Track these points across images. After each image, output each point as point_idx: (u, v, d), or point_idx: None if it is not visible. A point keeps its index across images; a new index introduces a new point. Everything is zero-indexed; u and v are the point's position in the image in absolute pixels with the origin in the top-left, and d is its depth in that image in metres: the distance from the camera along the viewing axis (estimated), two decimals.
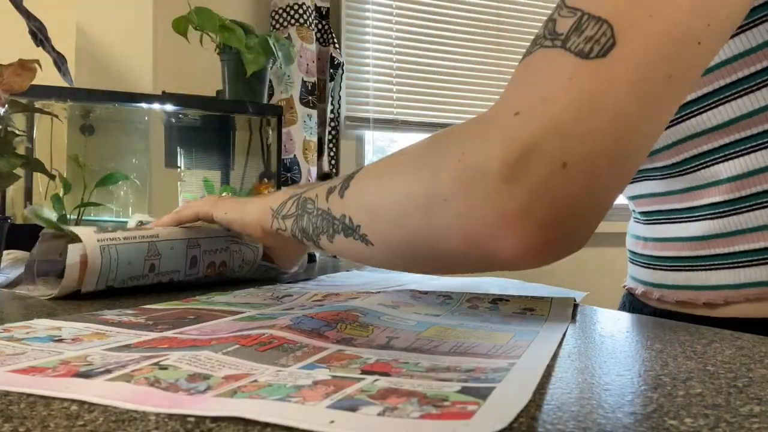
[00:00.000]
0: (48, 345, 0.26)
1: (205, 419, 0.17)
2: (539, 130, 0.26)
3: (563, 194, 0.26)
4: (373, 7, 1.78)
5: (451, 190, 0.28)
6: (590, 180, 0.26)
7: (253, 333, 0.28)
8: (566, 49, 0.27)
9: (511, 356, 0.25)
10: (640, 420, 0.17)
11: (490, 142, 0.27)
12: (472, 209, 0.27)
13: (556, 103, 0.26)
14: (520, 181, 0.26)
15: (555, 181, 0.26)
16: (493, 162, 0.27)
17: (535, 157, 0.26)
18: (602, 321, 0.37)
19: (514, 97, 0.29)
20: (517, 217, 0.26)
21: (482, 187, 0.27)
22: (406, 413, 0.17)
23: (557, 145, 0.26)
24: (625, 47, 0.26)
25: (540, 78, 0.28)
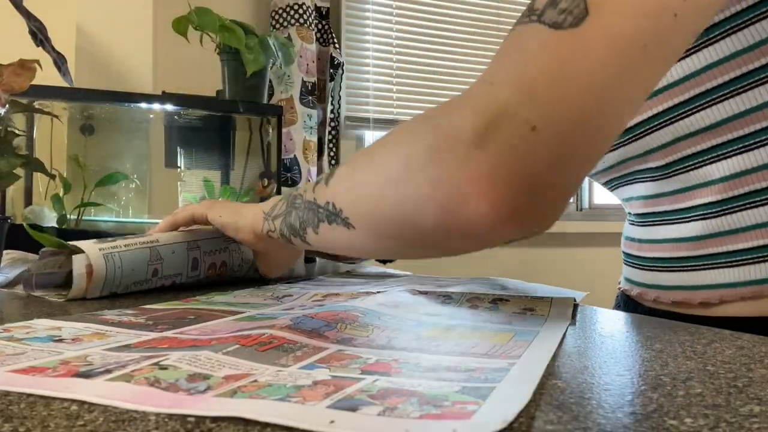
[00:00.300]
0: (48, 345, 0.26)
1: (205, 419, 0.17)
2: (510, 95, 0.26)
3: (532, 158, 0.26)
4: (373, 7, 1.78)
5: (425, 159, 0.28)
6: (560, 146, 0.26)
7: (253, 333, 0.28)
8: (541, 22, 0.27)
9: (511, 356, 0.25)
10: (640, 420, 0.17)
11: (462, 110, 0.28)
12: (446, 175, 0.27)
13: (528, 70, 0.26)
14: (490, 146, 0.26)
15: (524, 144, 0.26)
16: (464, 129, 0.27)
17: (505, 122, 0.26)
18: (602, 321, 0.37)
19: (490, 70, 0.29)
20: (487, 182, 0.26)
21: (454, 153, 0.27)
22: (406, 413, 0.17)
23: (527, 110, 0.26)
24: (598, 18, 0.26)
25: (515, 51, 0.28)
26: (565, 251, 1.93)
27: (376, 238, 0.35)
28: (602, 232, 1.91)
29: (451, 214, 0.28)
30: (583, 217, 2.00)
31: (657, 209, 0.50)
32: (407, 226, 0.31)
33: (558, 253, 1.92)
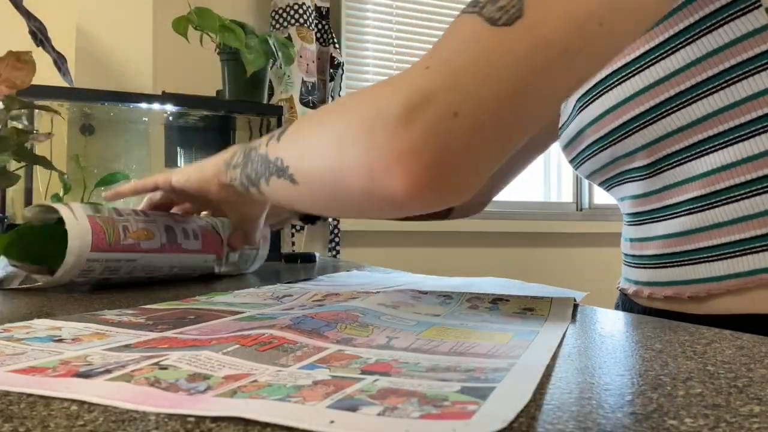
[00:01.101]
0: (48, 345, 0.26)
1: (205, 419, 0.17)
2: (439, 81, 0.29)
3: (451, 139, 0.29)
4: (373, 7, 1.78)
5: (359, 130, 0.31)
6: (476, 133, 0.29)
7: (253, 333, 0.28)
8: (480, 15, 0.30)
9: (511, 356, 0.25)
10: (640, 420, 0.17)
11: (396, 89, 0.30)
12: (374, 147, 0.30)
13: (459, 60, 0.29)
14: (415, 125, 0.29)
15: (444, 128, 0.29)
16: (395, 106, 0.29)
17: (431, 105, 0.29)
18: (602, 321, 0.37)
19: (430, 53, 0.32)
20: (408, 155, 0.29)
21: (383, 127, 0.30)
22: (406, 413, 0.17)
23: (451, 97, 0.29)
24: (529, 19, 0.29)
25: (452, 38, 0.31)
26: (565, 251, 1.93)
27: (313, 195, 0.37)
28: (602, 232, 1.91)
29: (376, 180, 0.30)
30: (583, 217, 2.00)
31: (647, 207, 0.51)
32: (340, 187, 0.34)
33: (558, 253, 1.92)
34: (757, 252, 0.42)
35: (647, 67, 0.45)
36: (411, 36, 1.82)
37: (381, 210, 0.34)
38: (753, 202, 0.42)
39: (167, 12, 1.13)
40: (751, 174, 0.42)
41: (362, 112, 0.32)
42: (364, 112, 0.32)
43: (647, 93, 0.45)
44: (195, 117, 1.05)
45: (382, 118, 0.30)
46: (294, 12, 1.54)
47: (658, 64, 0.44)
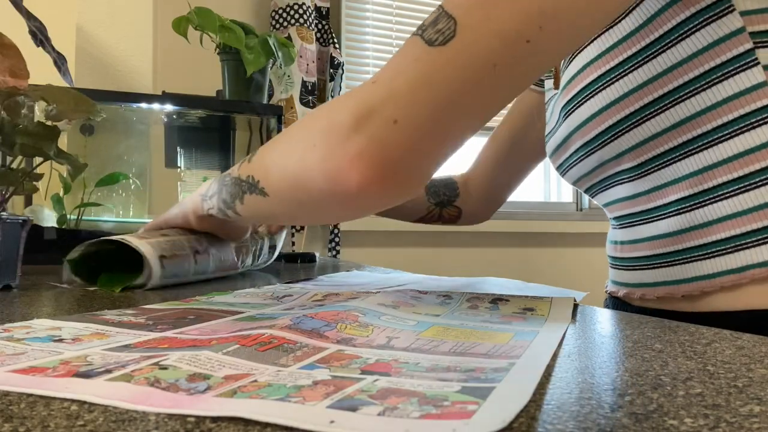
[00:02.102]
0: (48, 345, 0.26)
1: (205, 419, 0.17)
2: (382, 94, 0.34)
3: (391, 143, 0.33)
4: (373, 7, 1.78)
5: (317, 138, 0.36)
6: (415, 137, 0.34)
7: (253, 333, 0.28)
8: (422, 37, 0.35)
9: (511, 356, 0.25)
10: (640, 420, 0.17)
11: (348, 102, 0.35)
12: (330, 152, 0.35)
13: (400, 77, 0.34)
14: (363, 133, 0.34)
15: (387, 135, 0.33)
16: (346, 117, 0.34)
17: (375, 115, 0.33)
18: (602, 321, 0.37)
19: (379, 72, 0.36)
20: (358, 158, 0.34)
21: (337, 135, 0.34)
22: (406, 413, 0.17)
23: (391, 108, 0.33)
24: (461, 39, 0.33)
25: (398, 57, 0.35)
26: (564, 251, 1.93)
27: (282, 203, 0.42)
28: (602, 232, 1.91)
29: (333, 182, 0.35)
30: (582, 217, 2.00)
31: (635, 210, 0.52)
32: (303, 192, 0.38)
33: (558, 253, 1.92)
34: (748, 248, 0.43)
35: (631, 71, 0.47)
36: None
37: (342, 209, 0.38)
38: (741, 199, 0.43)
39: (167, 12, 1.13)
40: (738, 172, 0.43)
41: (319, 122, 0.36)
42: (321, 122, 0.36)
43: (632, 96, 0.46)
44: (195, 117, 1.05)
45: (336, 127, 0.34)
46: (294, 12, 1.54)
47: (642, 68, 0.46)
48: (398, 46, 1.81)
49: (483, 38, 0.33)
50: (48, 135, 0.56)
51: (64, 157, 0.59)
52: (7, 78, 0.56)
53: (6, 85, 0.55)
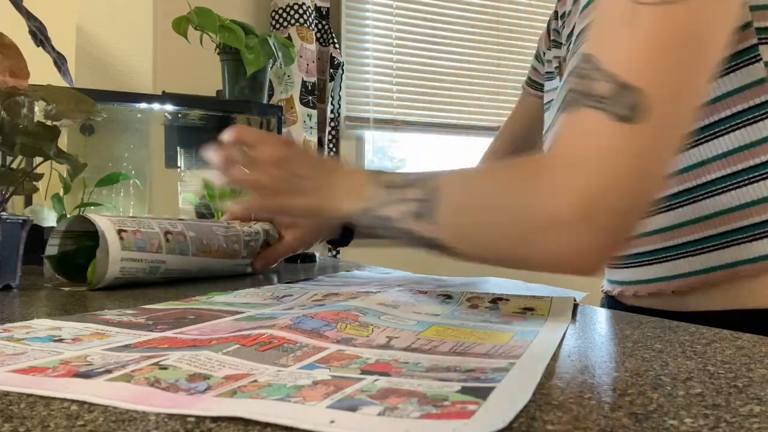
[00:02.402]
0: (48, 345, 0.26)
1: (205, 419, 0.17)
2: (601, 184, 0.34)
3: (620, 229, 0.35)
4: (373, 7, 1.78)
5: (539, 235, 0.36)
6: (636, 220, 0.35)
7: (253, 333, 0.28)
8: (609, 113, 0.33)
9: (512, 356, 0.25)
10: (640, 420, 0.17)
11: (555, 193, 0.35)
12: (558, 247, 0.36)
13: (612, 161, 0.34)
14: (592, 224, 0.34)
15: (614, 222, 0.34)
16: (561, 212, 0.34)
17: (601, 205, 0.34)
18: (602, 321, 0.37)
19: (564, 152, 0.36)
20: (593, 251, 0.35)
21: (565, 229, 0.35)
22: (406, 413, 0.17)
23: (616, 199, 0.34)
24: (657, 114, 0.33)
25: (586, 137, 0.35)
26: None
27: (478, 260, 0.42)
28: None
29: (562, 268, 0.37)
30: None
31: None
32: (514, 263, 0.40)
33: None
34: (739, 244, 0.43)
35: None
36: (411, 36, 1.82)
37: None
38: (734, 194, 0.43)
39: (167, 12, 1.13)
40: (732, 167, 0.43)
41: (525, 215, 0.37)
42: (524, 218, 0.37)
43: None
44: (195, 117, 1.05)
45: (558, 222, 0.35)
46: (294, 12, 1.54)
47: None
48: (398, 46, 1.81)
49: (679, 107, 0.34)
50: (48, 135, 0.56)
51: (64, 157, 0.59)
52: (7, 78, 0.56)
53: (6, 85, 0.55)
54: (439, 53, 1.85)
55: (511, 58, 1.93)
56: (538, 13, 1.98)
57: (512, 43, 1.94)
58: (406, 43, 1.81)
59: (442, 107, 1.86)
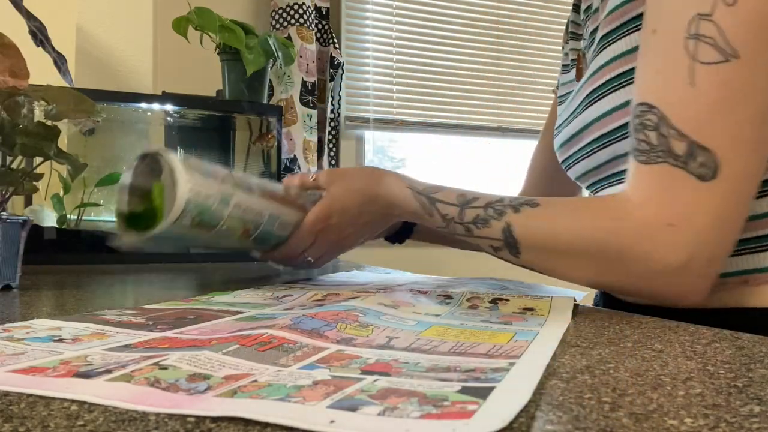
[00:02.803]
0: (48, 345, 0.26)
1: (205, 419, 0.17)
2: (693, 240, 0.39)
3: (711, 275, 0.41)
4: (373, 7, 1.78)
5: (642, 283, 0.43)
6: (719, 258, 0.41)
7: (253, 333, 0.28)
8: (688, 172, 0.38)
9: (512, 356, 0.25)
10: (640, 420, 0.17)
11: (655, 247, 0.40)
12: (658, 294, 0.43)
13: (697, 220, 0.39)
14: (691, 273, 0.40)
15: (707, 270, 0.41)
16: (664, 263, 0.40)
17: (695, 260, 0.40)
18: (602, 321, 0.37)
19: (655, 210, 0.40)
20: (687, 293, 0.42)
21: (660, 280, 0.41)
22: (406, 413, 0.17)
23: (705, 249, 0.40)
24: (731, 172, 0.38)
25: (676, 195, 0.39)
26: None
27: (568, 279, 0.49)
28: None
29: (665, 304, 0.44)
30: None
31: None
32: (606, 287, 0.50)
33: None
34: (750, 254, 0.44)
35: None
36: (411, 36, 1.82)
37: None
38: None
39: (167, 12, 1.13)
40: None
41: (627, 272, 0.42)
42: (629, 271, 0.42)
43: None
44: (195, 117, 1.05)
45: (654, 274, 0.41)
46: (294, 12, 1.54)
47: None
48: (398, 46, 1.81)
49: (750, 160, 0.39)
50: (48, 135, 0.56)
51: (64, 157, 0.59)
52: (7, 78, 0.56)
53: (6, 85, 0.55)
54: (439, 53, 1.85)
55: (511, 58, 1.93)
56: (538, 13, 1.98)
57: (512, 43, 1.94)
58: (406, 43, 1.81)
59: (442, 107, 1.86)
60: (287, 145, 1.51)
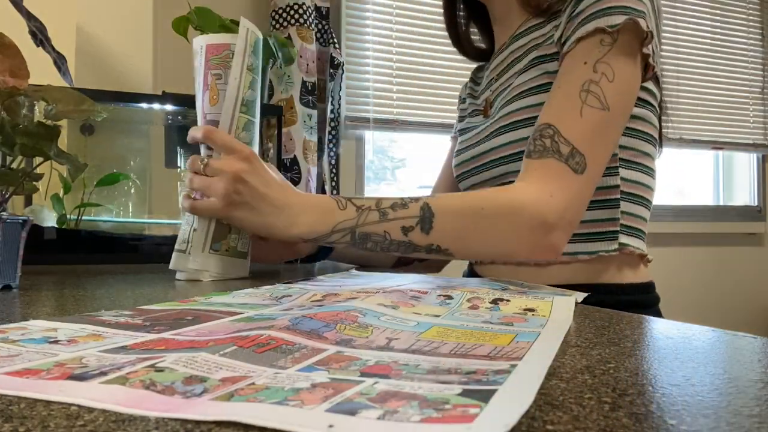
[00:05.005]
0: (43, 347, 0.26)
1: (205, 420, 0.17)
2: (561, 209, 0.59)
3: (570, 232, 0.62)
4: (373, 7, 1.77)
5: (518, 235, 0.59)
6: (576, 225, 0.63)
7: (252, 334, 0.27)
8: (568, 165, 0.60)
9: (513, 358, 0.25)
10: (641, 420, 0.17)
11: (539, 210, 0.59)
12: (536, 244, 0.60)
13: (567, 194, 0.60)
14: (558, 229, 0.60)
15: (568, 228, 0.61)
16: (542, 221, 0.59)
17: (561, 223, 0.60)
18: (602, 321, 0.37)
19: (544, 186, 0.60)
20: (551, 247, 0.61)
21: (542, 232, 0.59)
22: (407, 417, 0.16)
23: (569, 215, 0.60)
24: (591, 168, 0.61)
25: (556, 179, 0.60)
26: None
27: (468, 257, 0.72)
28: None
29: (534, 257, 0.62)
30: None
31: None
32: (498, 258, 0.68)
33: None
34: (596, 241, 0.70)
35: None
36: (411, 36, 1.82)
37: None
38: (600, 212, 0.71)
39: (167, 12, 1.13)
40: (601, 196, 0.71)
41: (516, 223, 0.59)
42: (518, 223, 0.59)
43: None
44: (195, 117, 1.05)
45: (535, 228, 0.59)
46: (294, 12, 1.54)
47: None
48: (398, 46, 1.81)
49: (602, 162, 0.63)
50: (48, 135, 0.56)
51: (64, 157, 0.59)
52: (7, 78, 0.56)
53: (6, 85, 0.55)
54: (439, 53, 1.85)
55: None
56: None
57: None
58: (406, 43, 1.81)
59: (442, 107, 1.86)
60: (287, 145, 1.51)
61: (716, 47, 2.21)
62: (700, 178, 2.36)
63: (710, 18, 2.21)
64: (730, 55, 2.23)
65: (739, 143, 2.23)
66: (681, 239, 2.14)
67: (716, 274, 2.19)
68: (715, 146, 2.20)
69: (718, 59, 2.20)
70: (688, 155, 2.28)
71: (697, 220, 2.18)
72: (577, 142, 0.59)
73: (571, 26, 0.65)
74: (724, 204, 2.33)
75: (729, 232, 2.22)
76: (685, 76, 2.15)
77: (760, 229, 2.28)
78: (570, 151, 0.59)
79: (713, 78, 2.19)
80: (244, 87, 0.65)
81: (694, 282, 2.14)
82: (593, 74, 0.61)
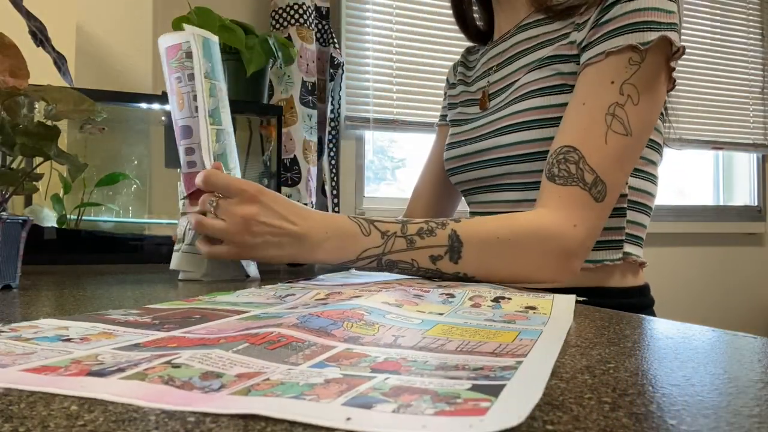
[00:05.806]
0: (57, 344, 0.26)
1: (204, 419, 0.17)
2: (583, 238, 0.61)
3: (584, 258, 0.63)
4: (373, 7, 1.78)
5: (544, 261, 0.60)
6: (590, 250, 0.65)
7: (261, 332, 0.28)
8: (590, 195, 0.61)
9: (518, 354, 0.25)
10: (640, 420, 0.17)
11: (562, 239, 0.60)
12: (558, 270, 0.61)
13: (588, 224, 0.61)
14: (580, 256, 0.62)
15: (585, 255, 0.63)
16: (565, 250, 0.60)
17: (582, 250, 0.62)
18: (603, 320, 0.37)
19: (565, 214, 0.60)
20: (574, 271, 0.62)
21: (565, 259, 0.60)
22: (421, 410, 0.17)
23: (588, 243, 0.62)
24: (610, 196, 0.62)
25: (578, 207, 0.61)
26: None
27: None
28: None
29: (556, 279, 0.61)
30: None
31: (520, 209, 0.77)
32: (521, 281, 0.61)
33: None
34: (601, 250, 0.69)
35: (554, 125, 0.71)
36: (411, 36, 1.82)
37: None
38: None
39: (167, 12, 1.13)
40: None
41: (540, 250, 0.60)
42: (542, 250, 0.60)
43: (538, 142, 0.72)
44: None
45: (564, 254, 0.60)
46: (294, 12, 1.54)
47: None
48: (398, 46, 1.81)
49: (619, 191, 0.64)
50: (48, 135, 0.56)
51: (64, 157, 0.59)
52: (7, 78, 0.56)
53: (6, 85, 0.55)
54: (439, 53, 1.85)
55: None
56: None
57: None
58: (406, 43, 1.82)
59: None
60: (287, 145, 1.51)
61: (716, 47, 2.21)
62: (700, 178, 2.36)
63: (710, 18, 2.21)
64: (730, 55, 2.22)
65: (739, 143, 2.23)
66: (681, 239, 2.14)
67: (716, 274, 2.19)
68: (715, 146, 2.20)
69: (718, 59, 2.20)
70: (688, 155, 2.29)
71: (697, 220, 2.18)
72: (600, 170, 0.60)
73: (598, 33, 0.62)
74: (724, 204, 2.33)
75: (729, 232, 2.22)
76: (685, 76, 2.16)
77: (760, 229, 2.28)
78: (594, 180, 0.60)
79: (713, 78, 2.19)
80: (207, 100, 0.64)
81: (694, 282, 2.15)
82: (619, 96, 0.60)
